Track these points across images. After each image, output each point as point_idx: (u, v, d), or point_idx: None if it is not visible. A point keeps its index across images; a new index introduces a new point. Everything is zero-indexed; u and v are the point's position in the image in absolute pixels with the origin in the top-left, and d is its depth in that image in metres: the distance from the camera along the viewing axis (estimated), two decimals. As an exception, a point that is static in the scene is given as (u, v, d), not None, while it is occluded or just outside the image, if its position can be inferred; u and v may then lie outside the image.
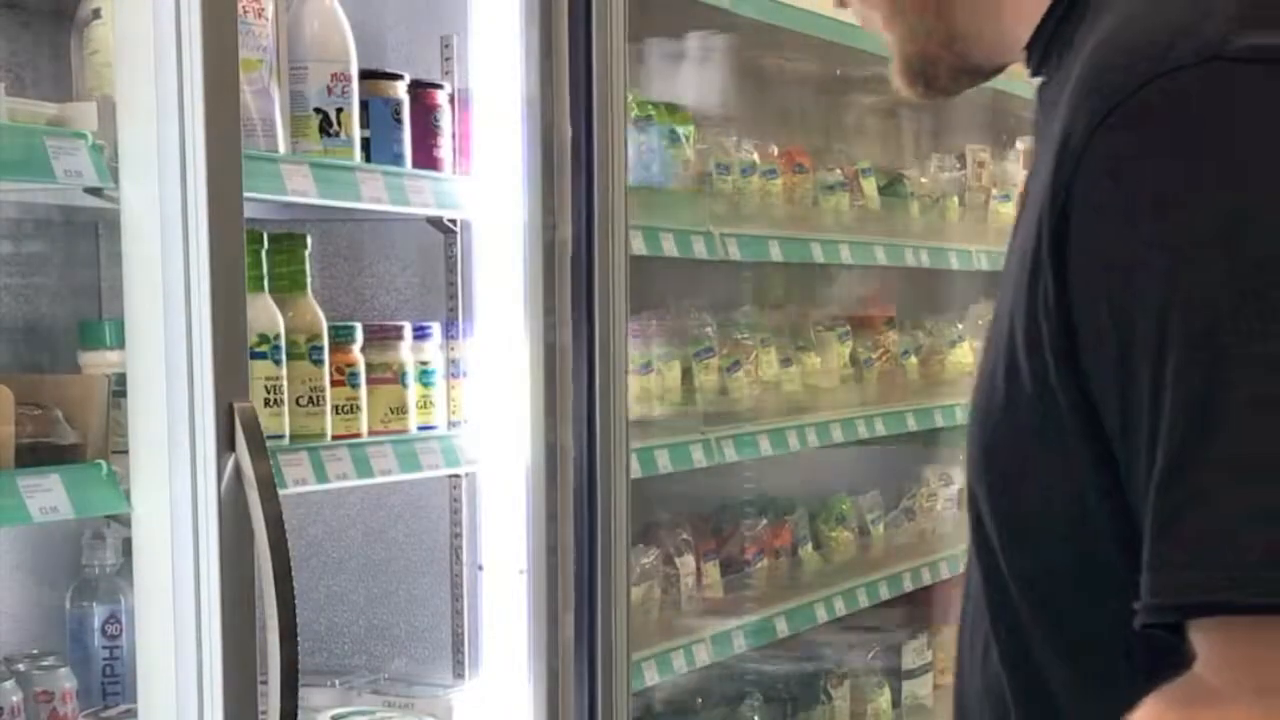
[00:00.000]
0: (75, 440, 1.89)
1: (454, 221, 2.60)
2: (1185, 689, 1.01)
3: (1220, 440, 0.97)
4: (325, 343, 2.22)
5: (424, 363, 2.41)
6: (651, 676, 2.85)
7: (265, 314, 2.11)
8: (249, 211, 1.82)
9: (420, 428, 2.38)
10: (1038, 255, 1.07)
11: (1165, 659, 1.02)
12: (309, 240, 2.26)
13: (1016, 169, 4.32)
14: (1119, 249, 1.02)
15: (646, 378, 3.03)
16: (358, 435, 2.27)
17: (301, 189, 2.05)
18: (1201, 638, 0.99)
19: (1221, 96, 1.01)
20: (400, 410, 2.35)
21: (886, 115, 4.22)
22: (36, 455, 1.84)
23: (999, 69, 1.35)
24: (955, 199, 4.13)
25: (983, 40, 1.31)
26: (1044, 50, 1.23)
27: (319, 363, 2.21)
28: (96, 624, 2.28)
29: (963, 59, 1.33)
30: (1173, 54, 1.02)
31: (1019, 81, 1.32)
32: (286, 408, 2.14)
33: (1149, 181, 1.02)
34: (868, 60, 3.53)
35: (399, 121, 2.36)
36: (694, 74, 3.43)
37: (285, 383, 2.13)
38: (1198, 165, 1.00)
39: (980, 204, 4.26)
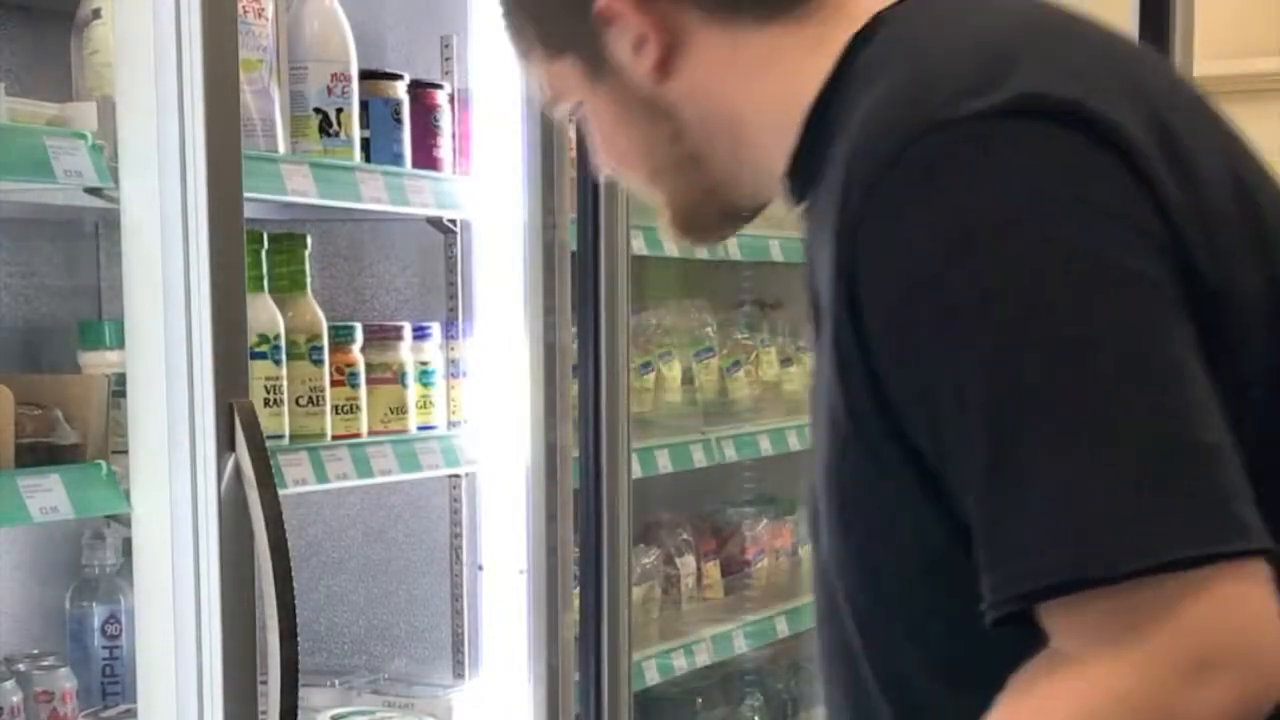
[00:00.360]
0: (75, 440, 1.89)
1: (454, 221, 2.60)
2: (1046, 662, 1.10)
3: (1024, 450, 1.08)
4: (325, 343, 2.22)
5: (424, 363, 2.41)
6: (651, 676, 2.85)
7: (265, 314, 2.11)
8: (249, 211, 1.82)
9: (420, 428, 2.38)
10: (839, 319, 1.19)
11: (1024, 654, 1.12)
12: (309, 240, 2.26)
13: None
14: (906, 305, 1.14)
15: (646, 377, 3.03)
16: (358, 435, 2.27)
17: (301, 189, 2.05)
18: (1050, 618, 1.09)
19: (976, 151, 1.13)
20: (400, 410, 2.35)
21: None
22: (36, 455, 1.84)
23: (762, 206, 1.46)
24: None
25: (742, 183, 1.40)
26: (803, 176, 1.32)
27: (319, 363, 2.21)
28: (96, 624, 2.28)
29: (726, 204, 1.43)
30: (926, 117, 1.14)
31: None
32: (286, 408, 2.14)
33: (923, 237, 1.13)
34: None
35: (399, 121, 2.36)
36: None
37: (285, 383, 2.13)
38: (962, 215, 1.12)
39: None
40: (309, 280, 2.24)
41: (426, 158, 2.40)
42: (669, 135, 1.38)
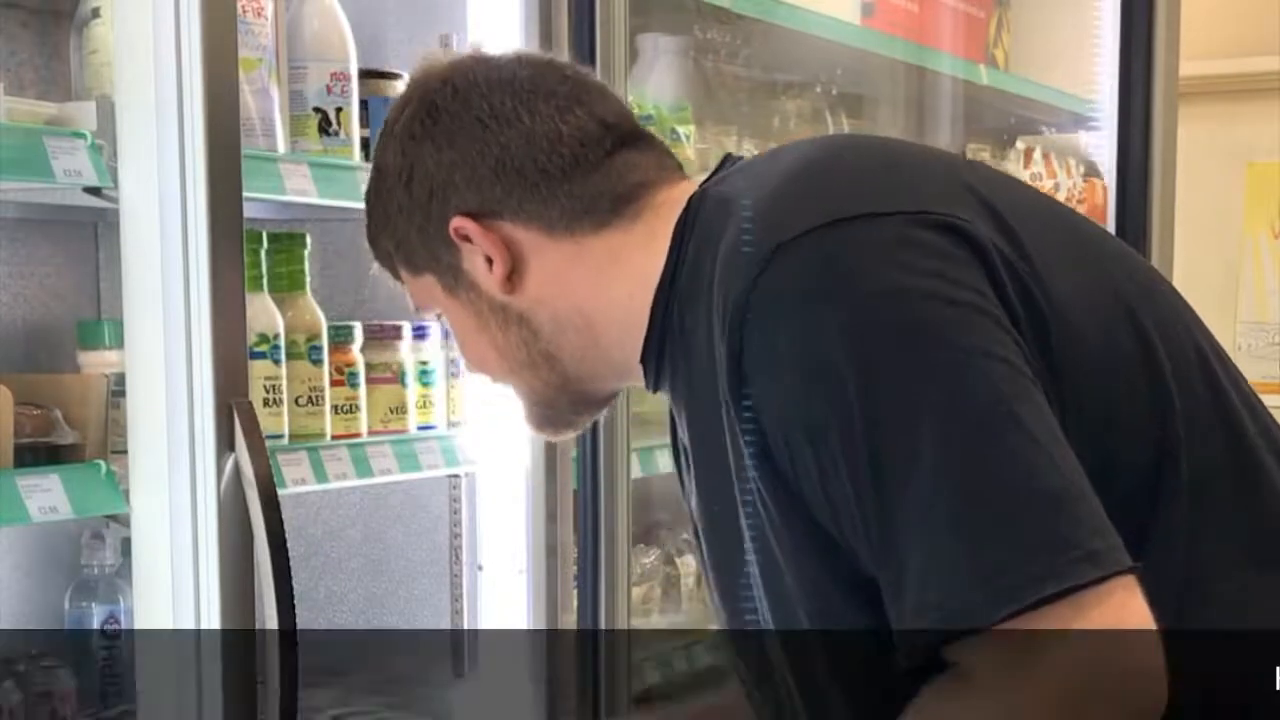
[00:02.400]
0: (74, 440, 1.89)
1: (454, 221, 2.60)
2: (953, 681, 1.26)
3: (901, 521, 1.25)
4: (324, 342, 2.22)
5: (423, 362, 2.41)
6: (651, 676, 2.84)
7: (264, 314, 2.11)
8: (248, 211, 1.82)
9: (420, 427, 2.38)
10: (730, 422, 1.34)
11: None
12: (308, 240, 2.26)
13: (1017, 169, 4.32)
14: (796, 391, 1.29)
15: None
16: (357, 435, 2.27)
17: (301, 188, 2.04)
18: (954, 653, 1.25)
19: (826, 253, 1.30)
20: (400, 410, 2.35)
21: (886, 116, 4.23)
22: (35, 455, 1.83)
23: (616, 393, 1.63)
24: (955, 198, 4.11)
25: (596, 375, 1.56)
26: (659, 354, 1.48)
27: (318, 362, 2.20)
28: (95, 624, 2.28)
29: (581, 395, 1.59)
30: (786, 230, 1.31)
31: (1019, 80, 1.36)
32: (286, 407, 2.14)
33: (797, 330, 1.29)
34: (871, 61, 3.53)
35: (399, 121, 2.35)
36: (692, 72, 3.42)
37: (284, 382, 2.13)
38: (825, 307, 1.28)
39: (980, 204, 4.24)
40: (308, 280, 2.24)
41: (426, 157, 2.40)
42: (522, 339, 1.54)
